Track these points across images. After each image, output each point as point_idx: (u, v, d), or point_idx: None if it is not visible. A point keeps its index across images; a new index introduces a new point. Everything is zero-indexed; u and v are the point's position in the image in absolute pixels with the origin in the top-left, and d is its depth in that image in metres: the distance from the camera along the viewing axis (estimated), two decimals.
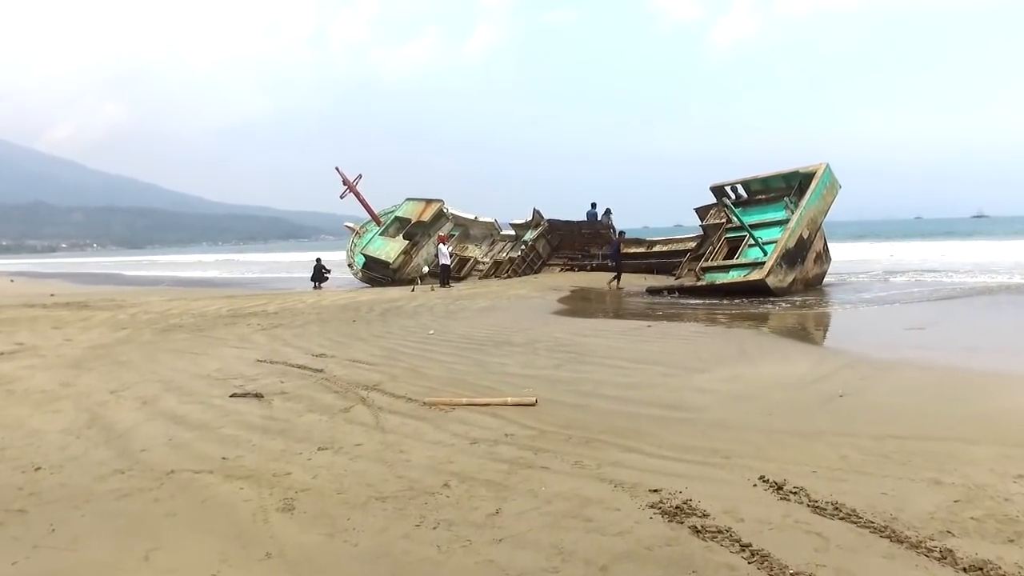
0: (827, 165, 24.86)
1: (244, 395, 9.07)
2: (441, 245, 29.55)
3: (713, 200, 28.01)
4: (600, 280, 28.40)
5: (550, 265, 34.10)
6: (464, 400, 8.33)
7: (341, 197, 36.85)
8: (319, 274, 33.24)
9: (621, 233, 29.06)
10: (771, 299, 21.66)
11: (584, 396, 8.69)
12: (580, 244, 33.92)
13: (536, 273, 33.36)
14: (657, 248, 31.76)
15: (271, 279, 46.08)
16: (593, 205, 33.65)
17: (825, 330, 15.65)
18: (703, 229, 28.52)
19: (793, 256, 23.33)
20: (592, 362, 11.00)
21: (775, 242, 23.68)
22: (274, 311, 19.76)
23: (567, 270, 33.13)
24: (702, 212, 28.66)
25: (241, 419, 7.87)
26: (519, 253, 33.99)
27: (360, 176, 37.22)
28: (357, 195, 37.08)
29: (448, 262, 29.37)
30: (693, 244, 29.72)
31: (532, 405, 8.15)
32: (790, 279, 23.29)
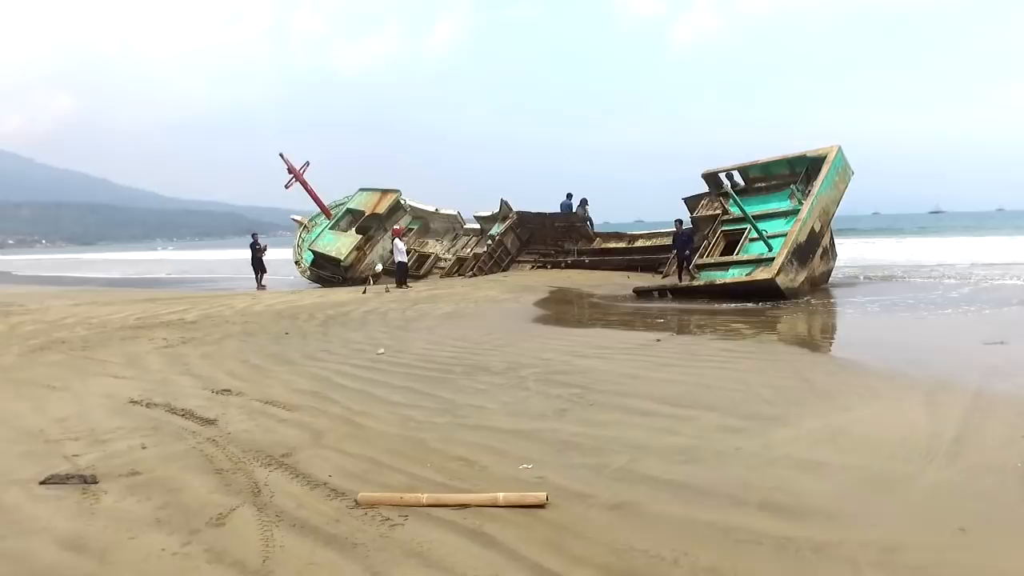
0: (839, 148, 21.76)
1: (65, 479, 5.57)
2: (396, 240, 25.79)
3: (704, 189, 24.84)
4: (580, 279, 25.07)
5: (519, 262, 30.69)
6: (424, 498, 4.90)
7: (286, 187, 33.08)
8: (255, 254, 29.38)
9: (679, 222, 24.88)
10: (781, 302, 18.54)
11: (622, 482, 5.31)
12: (553, 239, 30.51)
13: (504, 271, 29.95)
14: (640, 243, 28.50)
15: (213, 278, 41.92)
16: (568, 195, 30.29)
17: (883, 345, 12.21)
18: (693, 222, 25.26)
19: (804, 252, 20.19)
20: (609, 404, 7.64)
21: (781, 236, 20.57)
22: (192, 319, 16.14)
23: (539, 267, 29.75)
24: (692, 203, 25.42)
25: (19, 547, 4.37)
26: (485, 249, 30.56)
27: (307, 163, 33.50)
28: (304, 185, 33.34)
29: (404, 259, 25.66)
30: None
31: (541, 507, 4.77)
32: (801, 278, 20.15)
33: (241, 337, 13.43)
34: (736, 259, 21.26)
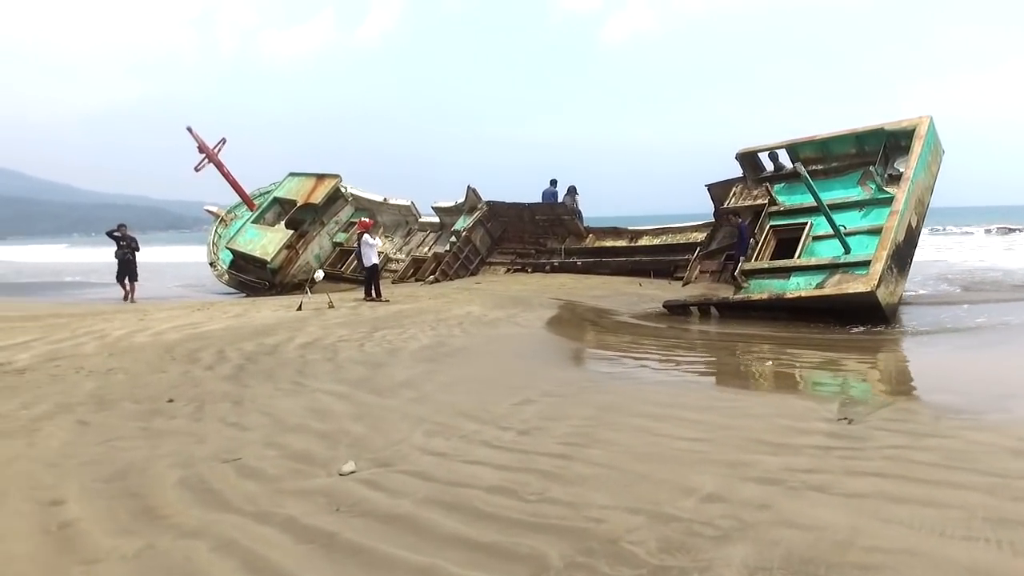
0: (931, 120, 16.53)
1: None
2: (367, 236, 19.29)
3: (740, 173, 19.48)
4: (578, 288, 19.52)
5: (491, 264, 24.97)
6: None
7: (196, 169, 26.76)
8: (123, 255, 22.81)
9: (736, 215, 18.72)
10: (882, 325, 13.44)
11: None
12: (533, 235, 24.82)
13: (473, 275, 24.23)
14: (645, 241, 23.00)
15: (109, 283, 34.86)
16: (552, 182, 24.63)
17: None
18: (723, 215, 19.91)
19: (903, 256, 15.01)
20: None
21: (861, 233, 15.40)
22: (25, 363, 10.02)
23: (516, 271, 24.08)
24: (720, 191, 19.99)
25: None
26: (448, 247, 24.77)
27: (224, 141, 27.16)
28: (219, 166, 27.04)
29: (376, 261, 19.23)
30: (701, 236, 21.17)
31: None
32: (901, 291, 15.03)
33: (84, 412, 7.45)
34: (799, 263, 15.95)
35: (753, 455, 5.66)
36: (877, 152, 16.81)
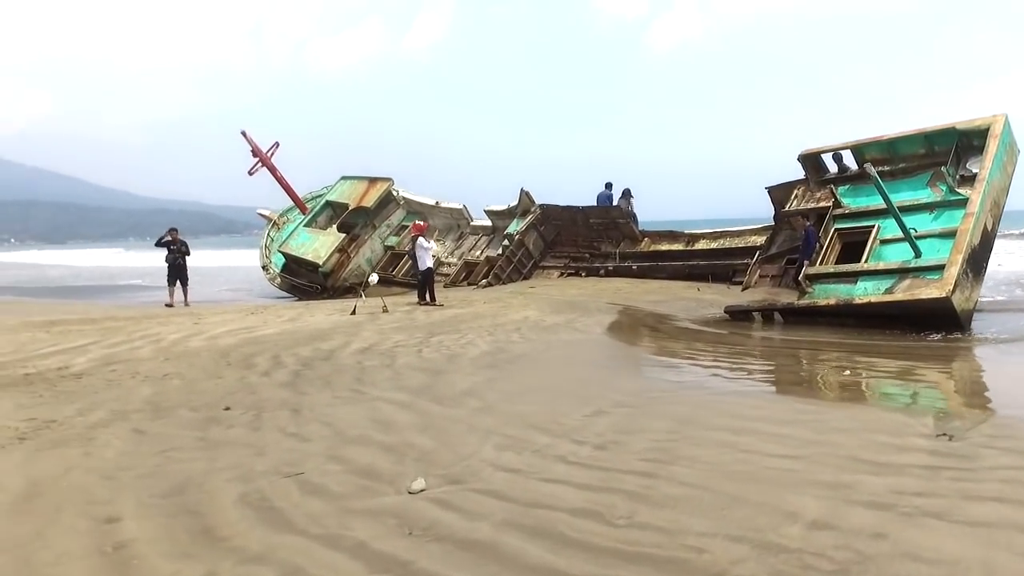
0: (1006, 118, 15.80)
1: None
2: (421, 239, 19.14)
3: (800, 176, 18.87)
4: (634, 292, 19.07)
5: (544, 268, 24.60)
6: None
7: (250, 173, 26.83)
8: (173, 259, 22.42)
9: (805, 217, 18.08)
10: (956, 332, 12.89)
11: None
12: (586, 239, 24.42)
13: (526, 279, 23.90)
14: (702, 245, 22.46)
15: (163, 286, 35.19)
16: (607, 185, 24.22)
17: None
18: (784, 218, 19.35)
19: (979, 260, 14.37)
20: None
21: (933, 236, 14.78)
22: (82, 367, 9.91)
23: (570, 275, 23.69)
24: (782, 193, 19.39)
25: None
26: (500, 251, 24.46)
27: (277, 145, 27.20)
28: (272, 171, 27.08)
29: (431, 265, 19.04)
30: (760, 239, 20.59)
31: None
32: (976, 296, 14.38)
33: (141, 419, 7.24)
34: (867, 268, 15.34)
35: (853, 475, 5.21)
36: (948, 152, 16.12)
